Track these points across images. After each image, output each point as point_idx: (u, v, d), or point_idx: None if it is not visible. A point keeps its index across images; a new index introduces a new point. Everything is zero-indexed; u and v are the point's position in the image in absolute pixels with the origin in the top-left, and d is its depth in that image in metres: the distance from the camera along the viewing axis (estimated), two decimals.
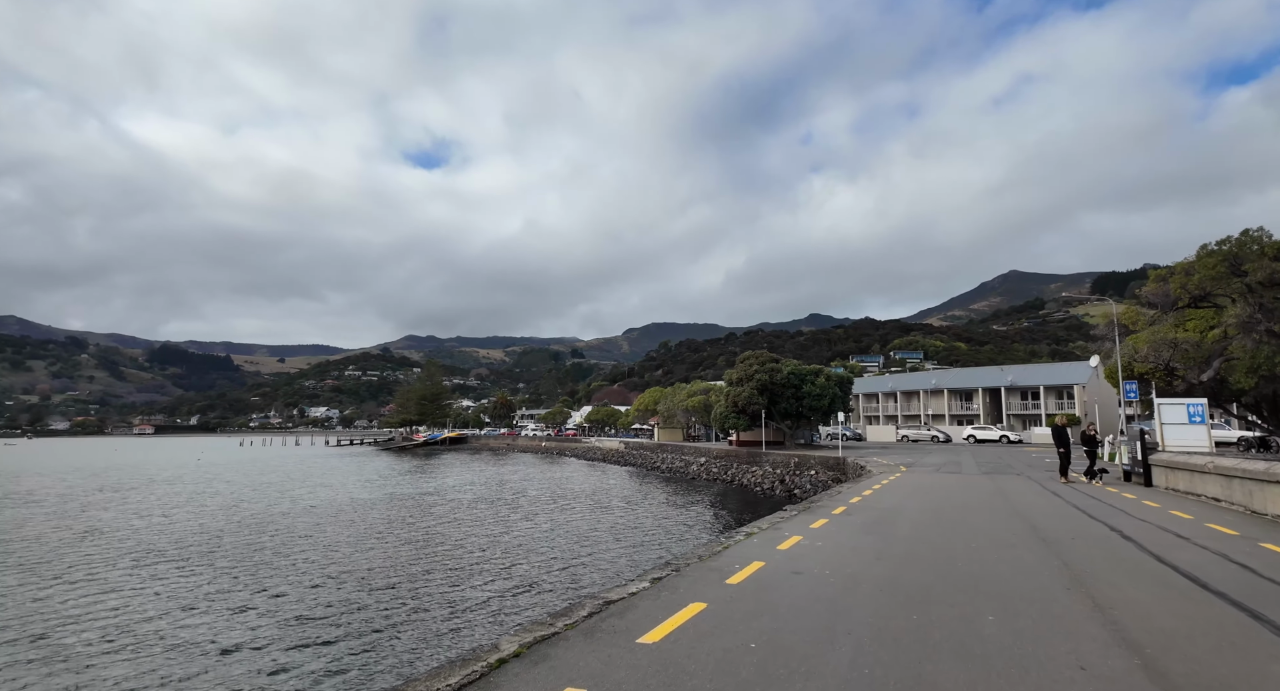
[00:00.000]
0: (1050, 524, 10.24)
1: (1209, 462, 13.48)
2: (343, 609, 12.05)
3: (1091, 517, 11.02)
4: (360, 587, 13.62)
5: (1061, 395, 66.76)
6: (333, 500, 30.60)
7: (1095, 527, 9.91)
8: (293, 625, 11.13)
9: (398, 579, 14.36)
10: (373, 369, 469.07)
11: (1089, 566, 6.99)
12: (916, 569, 6.78)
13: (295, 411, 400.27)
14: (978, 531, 9.44)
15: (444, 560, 16.29)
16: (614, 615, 4.96)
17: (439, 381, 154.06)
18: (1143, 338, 25.38)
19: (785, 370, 48.36)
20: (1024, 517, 11.02)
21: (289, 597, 13.00)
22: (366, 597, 12.75)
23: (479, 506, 28.25)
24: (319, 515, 25.22)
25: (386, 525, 22.64)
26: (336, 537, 19.96)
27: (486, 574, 14.48)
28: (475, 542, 18.87)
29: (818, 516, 11.05)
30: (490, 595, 12.50)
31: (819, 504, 13.14)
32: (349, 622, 11.22)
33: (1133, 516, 11.21)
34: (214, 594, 13.42)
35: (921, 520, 10.59)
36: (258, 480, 44.50)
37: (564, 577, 13.70)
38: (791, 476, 35.17)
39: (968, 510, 12.01)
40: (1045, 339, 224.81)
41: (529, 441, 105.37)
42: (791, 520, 10.54)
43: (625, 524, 22.51)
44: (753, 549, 7.88)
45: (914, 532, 9.26)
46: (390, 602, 12.41)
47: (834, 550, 7.82)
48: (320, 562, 16.21)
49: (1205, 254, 22.87)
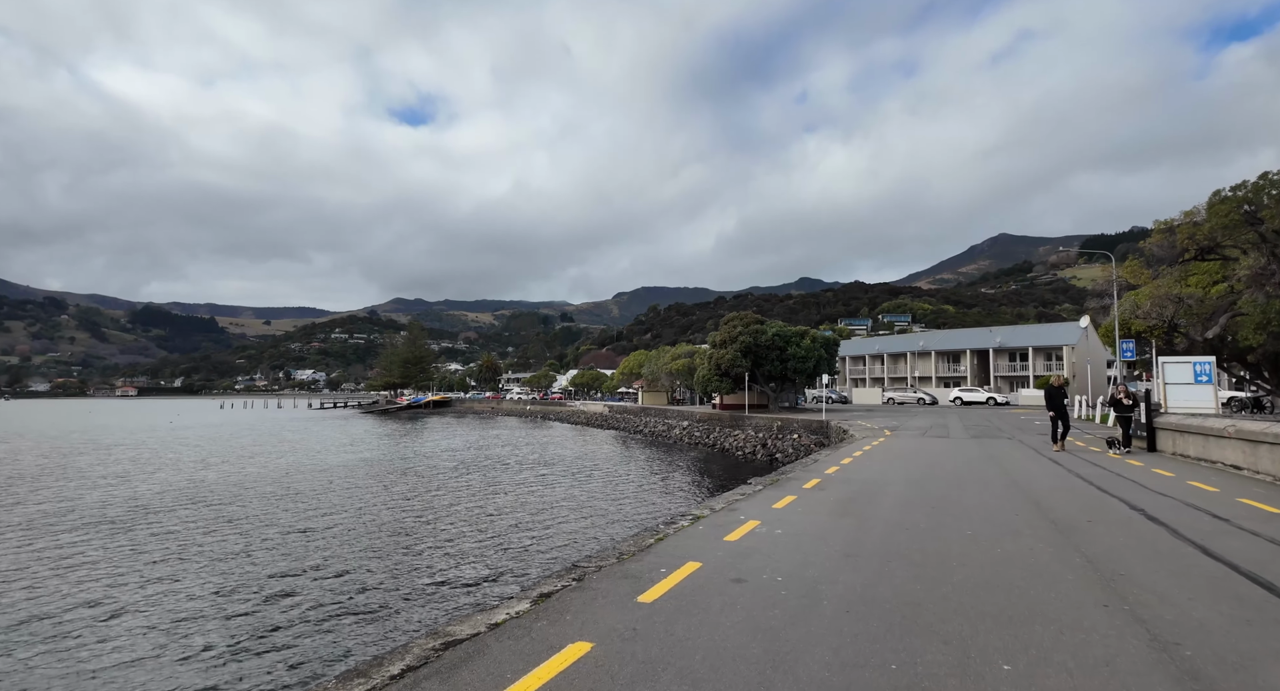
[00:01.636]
0: (1057, 501, 8.70)
1: (1229, 426, 11.98)
2: (249, 596, 10.45)
3: (1103, 491, 9.50)
4: (274, 571, 12.02)
5: (1050, 356, 65.84)
6: (296, 466, 28.94)
7: (1111, 505, 8.36)
8: (199, 612, 9.52)
9: (291, 566, 12.76)
10: (360, 332, 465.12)
11: (1121, 565, 5.40)
12: (898, 574, 5.14)
13: (281, 374, 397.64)
14: (972, 513, 7.86)
15: (366, 546, 14.70)
16: (441, 673, 3.26)
17: (423, 344, 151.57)
18: (1145, 293, 23.79)
19: (770, 332, 46.76)
20: (1025, 492, 9.48)
21: (192, 580, 11.37)
22: (272, 584, 11.17)
23: (440, 476, 26.73)
24: (271, 483, 23.56)
25: (333, 495, 21.04)
26: (280, 510, 18.32)
27: (395, 564, 12.88)
28: (408, 520, 17.31)
29: (785, 492, 9.44)
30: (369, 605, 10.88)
31: (790, 475, 11.56)
32: (256, 616, 9.61)
33: (1149, 489, 9.70)
34: (107, 570, 11.79)
35: (905, 497, 9.01)
36: (224, 445, 42.74)
37: (492, 564, 12.07)
38: (774, 440, 34.10)
39: (959, 483, 10.46)
40: (1033, 301, 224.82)
41: (513, 405, 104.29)
42: (753, 498, 8.92)
43: (592, 494, 21.05)
44: (693, 541, 6.21)
45: (896, 515, 7.66)
46: (252, 600, 10.82)
47: (794, 542, 6.17)
48: (250, 538, 14.58)
49: (1218, 201, 21.10)
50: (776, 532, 6.58)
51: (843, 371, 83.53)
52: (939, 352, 74.50)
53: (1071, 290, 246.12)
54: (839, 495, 9.16)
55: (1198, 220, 22.71)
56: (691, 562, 5.33)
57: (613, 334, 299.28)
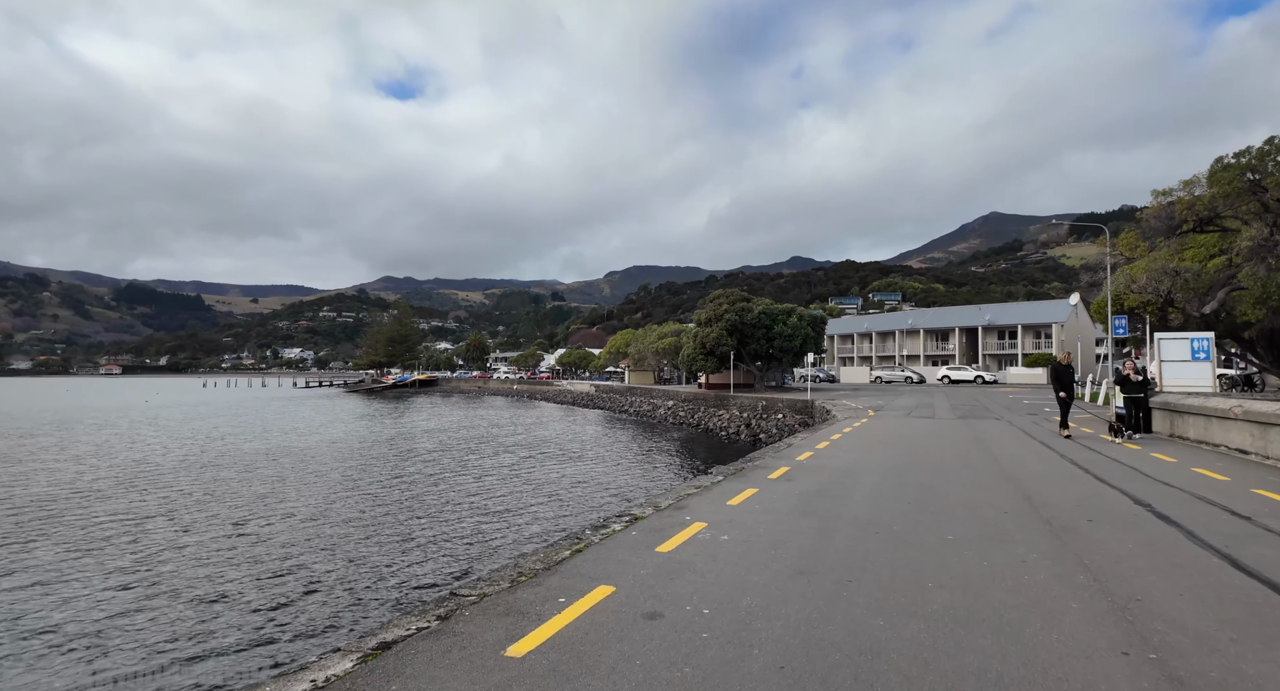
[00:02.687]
0: (1052, 493, 7.70)
1: (1235, 407, 11.02)
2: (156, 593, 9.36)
3: (1101, 481, 8.51)
4: (196, 564, 10.93)
5: (1039, 334, 65.24)
6: (262, 449, 27.74)
7: (1112, 499, 7.36)
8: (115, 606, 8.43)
9: (213, 563, 11.67)
10: (348, 310, 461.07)
11: (1136, 585, 4.36)
12: (858, 600, 4.08)
13: (269, 352, 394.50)
14: (956, 509, 6.83)
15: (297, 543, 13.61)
16: None
17: (409, 322, 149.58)
18: (1141, 266, 22.78)
19: (756, 310, 45.68)
20: (1015, 482, 8.48)
21: (98, 583, 10.25)
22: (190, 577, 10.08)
23: (411, 460, 25.67)
24: (229, 467, 22.39)
25: (287, 484, 19.93)
26: (227, 497, 17.17)
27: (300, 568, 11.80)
28: (348, 509, 16.24)
29: (747, 484, 8.39)
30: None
31: (757, 463, 10.52)
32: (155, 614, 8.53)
33: (1152, 478, 8.73)
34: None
35: (881, 489, 7.98)
36: (195, 426, 41.38)
37: (405, 575, 10.90)
38: (758, 420, 33.34)
39: (942, 471, 9.46)
40: (1022, 280, 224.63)
41: (500, 384, 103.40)
42: (708, 492, 7.86)
43: (564, 479, 20.06)
44: (617, 553, 5.13)
45: (867, 513, 6.61)
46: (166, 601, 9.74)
47: (740, 553, 5.10)
48: (178, 532, 13.45)
49: (1220, 168, 19.99)
50: (722, 539, 5.51)
51: (831, 350, 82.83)
52: (927, 331, 73.79)
53: (1061, 269, 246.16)
54: (806, 487, 8.12)
55: (1197, 190, 21.63)
56: (603, 587, 4.24)
57: (603, 313, 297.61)
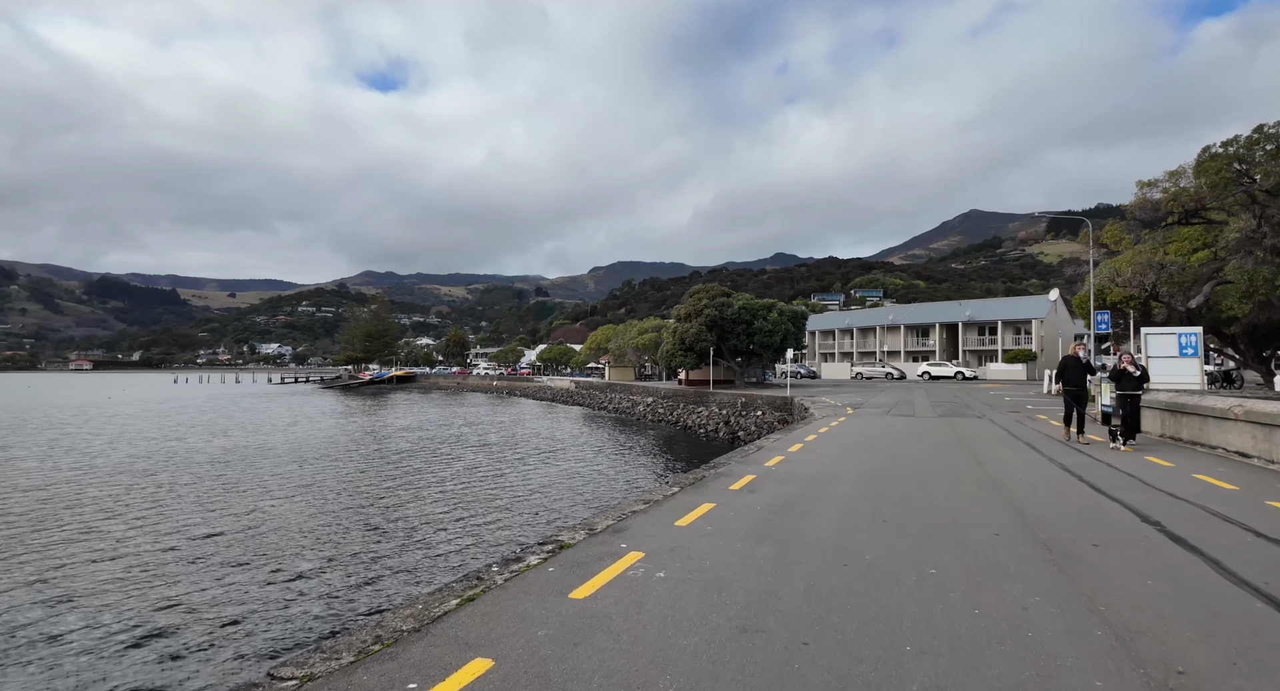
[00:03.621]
0: (1045, 507, 6.79)
1: (1236, 406, 10.24)
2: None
3: (1098, 491, 7.63)
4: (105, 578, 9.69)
5: (1019, 331, 65.20)
6: (223, 448, 26.25)
7: (1114, 514, 6.47)
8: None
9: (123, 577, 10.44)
10: (328, 305, 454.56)
11: (1171, 644, 3.42)
12: (812, 678, 3.07)
13: (245, 348, 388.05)
14: (938, 531, 5.88)
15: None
16: None
17: (387, 317, 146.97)
18: (1126, 259, 22.16)
19: (736, 305, 44.83)
20: (1003, 492, 7.57)
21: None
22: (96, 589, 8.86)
23: (377, 463, 24.42)
24: (181, 468, 20.96)
25: (237, 488, 18.61)
26: (173, 503, 15.84)
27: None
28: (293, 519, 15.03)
29: (705, 497, 7.39)
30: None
31: (723, 469, 9.54)
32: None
33: (1152, 487, 7.87)
34: None
35: (853, 504, 7.01)
36: (155, 423, 39.55)
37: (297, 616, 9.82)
38: (737, 417, 32.67)
39: (922, 479, 8.53)
40: (1001, 277, 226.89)
41: (480, 380, 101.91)
42: (657, 508, 6.83)
43: (530, 483, 19.00)
44: (517, 603, 4.06)
45: (835, 536, 5.63)
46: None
47: (674, 602, 4.07)
48: (92, 543, 12.15)
49: (1208, 158, 19.36)
50: (656, 578, 4.49)
51: (812, 346, 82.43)
52: (908, 326, 73.56)
53: (1039, 266, 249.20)
54: (770, 501, 7.13)
55: (1183, 181, 21.02)
56: (478, 662, 3.18)
57: (587, 309, 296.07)
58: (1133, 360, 11.55)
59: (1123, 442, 11.34)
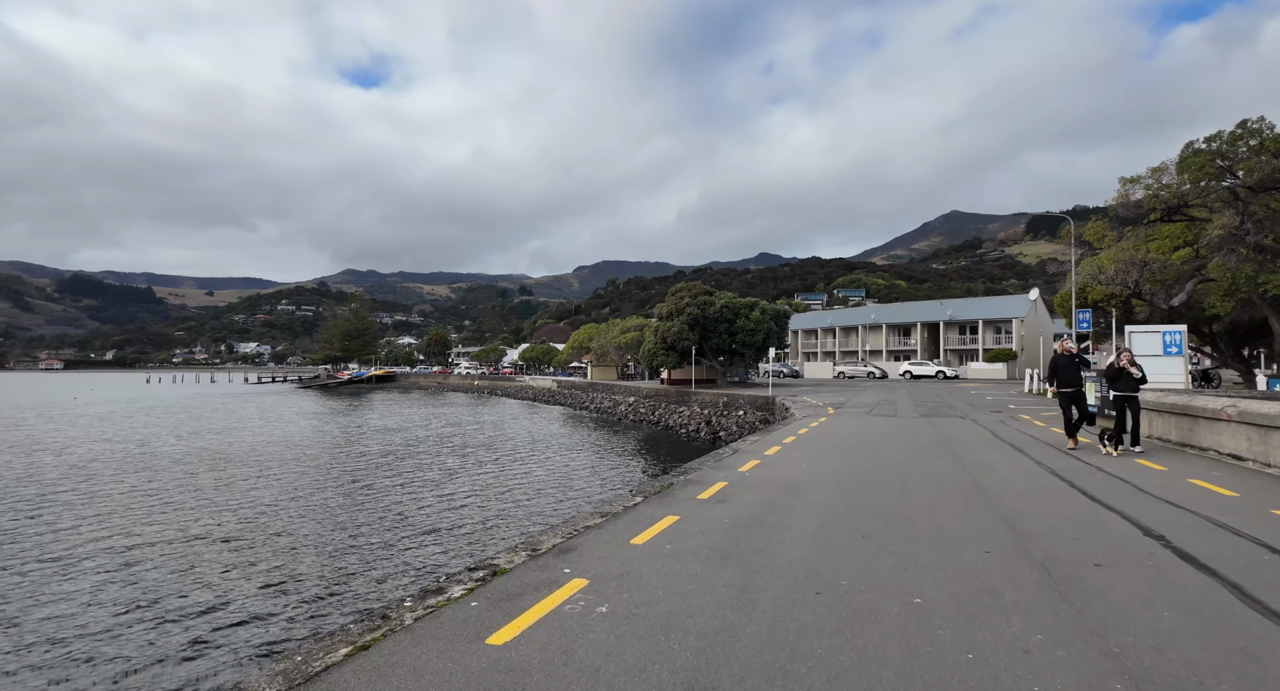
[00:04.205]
0: (1038, 518, 6.21)
1: (1229, 406, 9.80)
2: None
3: (1092, 499, 7.08)
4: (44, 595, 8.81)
5: (999, 330, 65.47)
6: (179, 453, 25.12)
7: (1113, 526, 5.90)
8: None
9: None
10: (308, 304, 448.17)
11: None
12: None
13: (223, 347, 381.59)
14: (923, 548, 5.26)
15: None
16: None
17: (366, 316, 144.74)
18: (1109, 256, 21.89)
19: (718, 303, 44.33)
20: (991, 501, 6.99)
21: None
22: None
23: (332, 469, 23.53)
24: (122, 473, 19.90)
25: (184, 500, 17.65)
26: (114, 516, 14.87)
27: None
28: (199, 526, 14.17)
29: (669, 508, 6.73)
30: None
31: (693, 476, 8.88)
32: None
33: (1149, 494, 7.35)
34: None
35: (830, 516, 6.38)
36: (116, 425, 38.09)
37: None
38: (719, 417, 32.25)
39: (905, 486, 7.94)
40: (981, 277, 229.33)
41: (461, 380, 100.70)
42: (616, 521, 6.15)
43: (500, 487, 18.29)
44: (420, 652, 3.34)
45: (808, 556, 5.00)
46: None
47: (611, 648, 3.39)
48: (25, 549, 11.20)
49: (1190, 154, 19.10)
50: (597, 613, 3.81)
51: (795, 345, 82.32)
52: (890, 326, 73.64)
53: (1019, 266, 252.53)
54: (740, 512, 6.48)
55: (1166, 177, 20.78)
56: None
57: (571, 308, 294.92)
58: (1132, 359, 10.67)
59: (1114, 447, 10.38)
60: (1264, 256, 18.15)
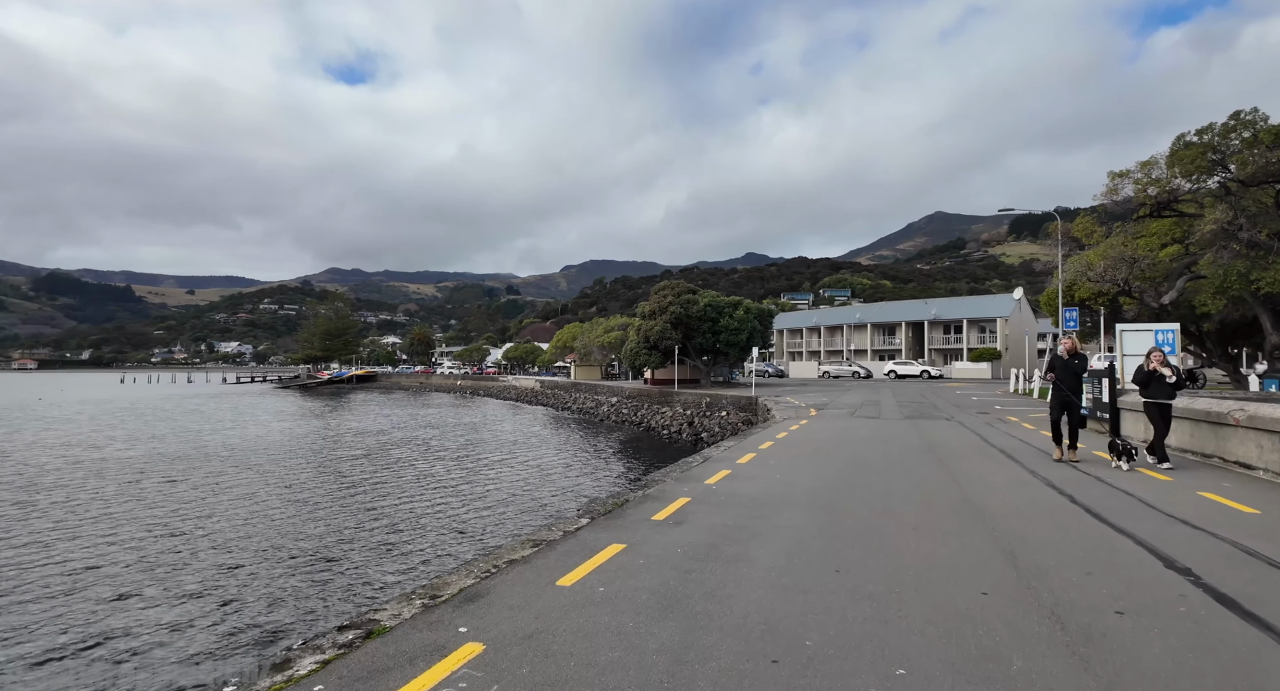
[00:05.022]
0: (1041, 546, 5.34)
1: (1236, 410, 9.05)
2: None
3: (1099, 519, 6.24)
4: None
5: (984, 329, 65.28)
6: (134, 458, 23.79)
7: (1129, 557, 5.04)
8: None
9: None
10: (291, 302, 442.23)
11: None
12: None
13: (203, 346, 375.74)
14: (908, 591, 4.37)
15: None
16: None
17: (347, 314, 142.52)
18: (1098, 253, 21.28)
19: (702, 302, 43.52)
20: (987, 523, 6.13)
21: None
22: None
23: (294, 478, 22.41)
24: (81, 481, 18.63)
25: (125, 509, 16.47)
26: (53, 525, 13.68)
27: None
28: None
29: (616, 534, 5.80)
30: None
31: (655, 489, 7.95)
32: None
33: (1160, 512, 6.52)
34: None
35: (800, 546, 5.47)
36: (74, 428, 36.48)
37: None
38: (701, 418, 31.54)
39: (889, 503, 7.07)
40: (965, 277, 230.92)
41: (444, 380, 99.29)
42: (548, 552, 5.20)
43: (463, 498, 17.31)
44: None
45: (769, 605, 4.08)
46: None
47: None
48: None
49: (1181, 147, 18.50)
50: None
51: (780, 345, 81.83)
52: (875, 325, 73.29)
53: (1002, 266, 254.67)
54: (695, 540, 5.57)
55: (1155, 172, 20.18)
56: None
57: (557, 307, 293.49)
58: (1164, 359, 9.43)
59: (1126, 460, 9.08)
60: (1256, 252, 17.58)
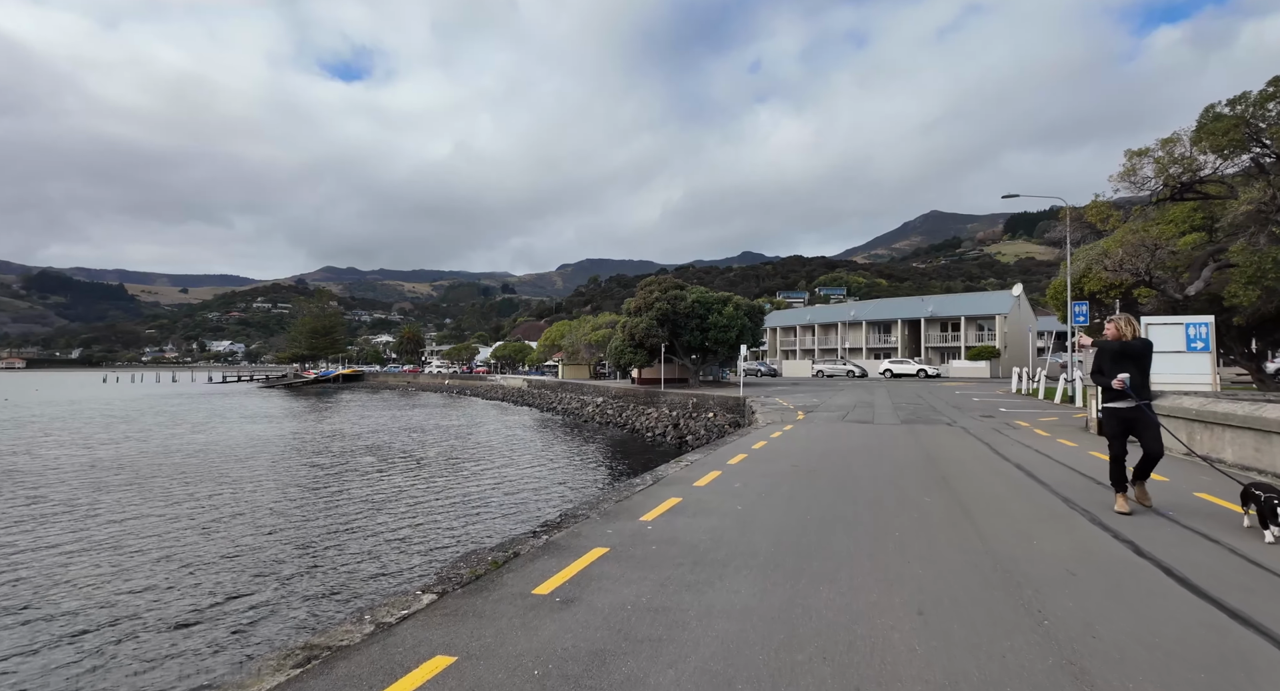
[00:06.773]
0: (1123, 653, 3.37)
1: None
2: None
3: (1195, 592, 4.25)
4: None
5: (981, 327, 63.42)
6: (84, 463, 21.68)
7: (1271, 662, 3.10)
8: None
9: None
10: (284, 301, 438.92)
11: None
12: None
13: (195, 345, 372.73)
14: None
15: None
16: None
17: (334, 313, 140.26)
18: (1115, 239, 19.31)
19: (690, 298, 41.57)
20: (1023, 598, 4.09)
21: None
22: None
23: (257, 483, 20.37)
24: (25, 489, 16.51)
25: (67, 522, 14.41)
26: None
27: None
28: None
29: (446, 633, 3.77)
30: None
31: (567, 533, 5.89)
32: None
33: (1251, 562, 4.56)
34: None
35: (730, 668, 3.46)
36: (31, 431, 34.30)
37: None
38: (687, 420, 29.90)
39: (881, 557, 5.02)
40: (960, 276, 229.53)
41: (432, 379, 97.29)
42: (341, 661, 3.21)
43: (420, 513, 15.32)
44: None
45: None
46: None
47: None
48: None
49: (1212, 119, 16.54)
50: None
51: (773, 343, 79.97)
52: (870, 323, 71.42)
53: (997, 265, 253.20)
54: (578, 639, 3.52)
55: (1178, 149, 18.23)
56: None
57: (552, 306, 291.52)
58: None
59: (1277, 529, 5.21)
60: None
